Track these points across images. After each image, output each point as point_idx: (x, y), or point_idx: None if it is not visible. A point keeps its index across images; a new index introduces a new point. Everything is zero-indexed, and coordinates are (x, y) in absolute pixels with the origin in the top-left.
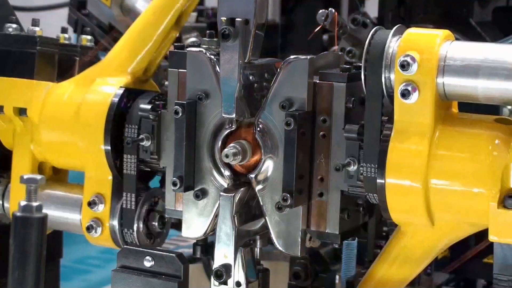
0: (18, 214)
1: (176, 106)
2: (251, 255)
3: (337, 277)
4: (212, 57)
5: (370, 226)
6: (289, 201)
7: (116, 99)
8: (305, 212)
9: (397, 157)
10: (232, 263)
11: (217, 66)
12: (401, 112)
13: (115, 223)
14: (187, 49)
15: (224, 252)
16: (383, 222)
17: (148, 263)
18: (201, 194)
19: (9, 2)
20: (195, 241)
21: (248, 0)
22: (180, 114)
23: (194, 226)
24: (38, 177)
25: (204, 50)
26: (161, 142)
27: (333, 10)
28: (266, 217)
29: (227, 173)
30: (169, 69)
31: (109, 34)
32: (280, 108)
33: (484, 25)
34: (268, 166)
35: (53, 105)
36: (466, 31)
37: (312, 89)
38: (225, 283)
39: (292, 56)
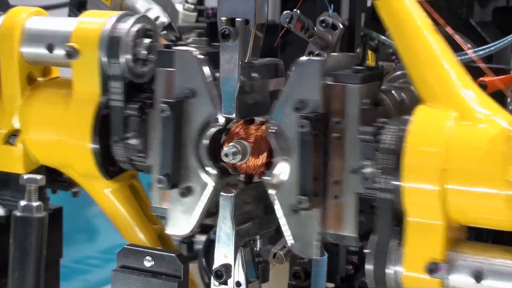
0: (18, 214)
1: (163, 105)
2: (251, 255)
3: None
4: (200, 56)
5: None
6: (305, 204)
7: (105, 98)
8: (321, 215)
9: (414, 158)
10: (232, 263)
11: (204, 65)
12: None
13: None
14: (175, 48)
15: (224, 252)
16: None
17: (148, 263)
18: (187, 192)
19: (9, 2)
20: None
21: (248, 0)
22: (167, 112)
23: (179, 223)
24: (38, 177)
25: (192, 49)
26: (149, 141)
27: (298, 12)
28: (281, 220)
29: (213, 171)
30: (157, 68)
31: None
32: (293, 110)
33: (484, 25)
34: (282, 169)
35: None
36: (466, 31)
37: (325, 91)
38: (225, 283)
39: (303, 57)
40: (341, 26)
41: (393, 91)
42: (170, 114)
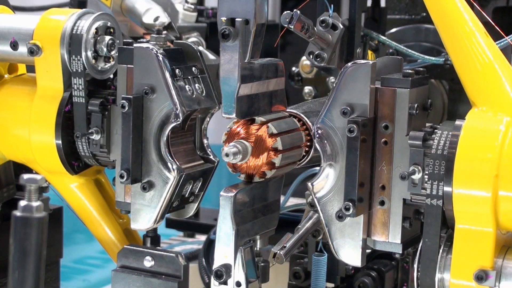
0: (18, 214)
1: (122, 101)
2: (251, 255)
3: None
4: (159, 52)
5: None
6: (351, 210)
7: (68, 94)
8: (366, 221)
9: (465, 165)
10: (232, 263)
11: (163, 61)
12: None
13: None
14: (135, 44)
15: (224, 252)
16: None
17: (148, 263)
18: (148, 187)
19: (9, 2)
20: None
21: (248, 0)
22: (127, 108)
23: (142, 217)
24: (38, 177)
25: (151, 46)
26: (111, 136)
27: (298, 12)
28: (326, 226)
29: (173, 166)
30: (118, 65)
31: None
32: (341, 114)
33: (484, 25)
34: (328, 174)
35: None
36: None
37: (374, 95)
38: (225, 283)
39: (352, 62)
40: (341, 26)
41: None
42: (130, 110)
